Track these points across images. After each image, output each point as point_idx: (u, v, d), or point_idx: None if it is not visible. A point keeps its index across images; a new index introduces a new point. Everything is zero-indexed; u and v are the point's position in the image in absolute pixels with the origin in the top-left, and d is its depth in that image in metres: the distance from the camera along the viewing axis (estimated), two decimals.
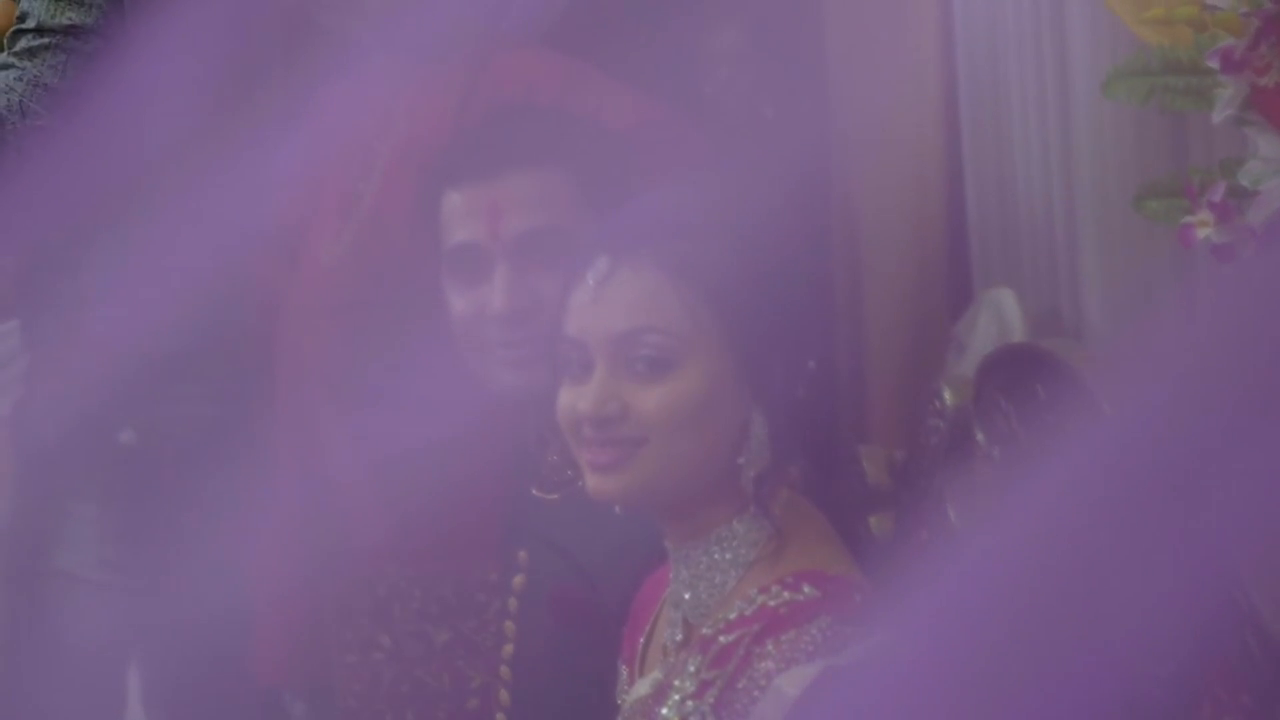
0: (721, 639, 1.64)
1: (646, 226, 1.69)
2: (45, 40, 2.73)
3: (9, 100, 2.70)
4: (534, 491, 2.16)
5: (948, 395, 2.15)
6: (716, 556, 1.70)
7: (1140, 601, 1.54)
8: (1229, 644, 1.50)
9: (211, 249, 2.98)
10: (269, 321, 3.46)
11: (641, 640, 1.83)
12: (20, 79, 2.73)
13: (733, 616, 1.65)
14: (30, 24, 2.76)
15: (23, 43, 2.76)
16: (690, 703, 1.65)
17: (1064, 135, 3.04)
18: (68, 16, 2.74)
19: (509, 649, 2.17)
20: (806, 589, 1.63)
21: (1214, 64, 1.93)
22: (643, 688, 1.75)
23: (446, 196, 2.17)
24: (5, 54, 2.79)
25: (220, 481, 3.02)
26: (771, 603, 1.64)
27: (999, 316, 3.16)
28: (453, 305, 2.17)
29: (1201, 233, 1.95)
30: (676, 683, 1.67)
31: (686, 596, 1.72)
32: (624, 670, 1.85)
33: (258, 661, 3.28)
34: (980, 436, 2.05)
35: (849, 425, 3.58)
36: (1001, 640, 1.70)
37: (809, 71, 5.05)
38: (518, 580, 2.17)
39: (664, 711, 1.68)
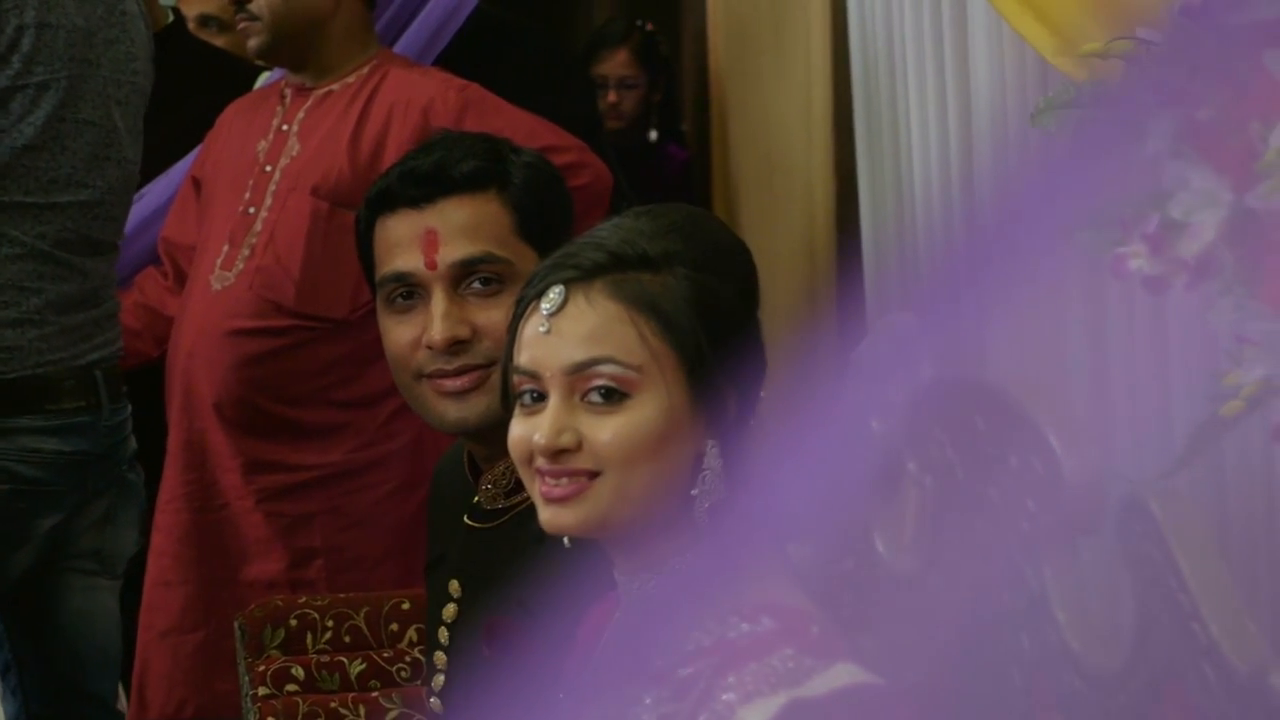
0: (680, 672, 1.63)
1: (600, 256, 1.68)
2: None
3: None
4: (466, 520, 2.15)
5: (874, 424, 2.15)
6: (670, 588, 1.69)
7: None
8: (1186, 677, 1.51)
9: None
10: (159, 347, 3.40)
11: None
12: None
13: (690, 649, 1.64)
14: None
15: None
16: None
17: (965, 162, 3.06)
18: None
19: (440, 680, 2.15)
20: (765, 620, 1.63)
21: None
22: None
23: (380, 224, 2.14)
24: None
25: (100, 507, 2.95)
26: (730, 635, 1.63)
27: (900, 343, 3.17)
28: (388, 334, 2.15)
29: (1134, 264, 1.96)
30: (630, 716, 1.66)
31: (638, 628, 1.70)
32: (566, 703, 1.83)
33: (149, 692, 3.22)
34: (912, 466, 2.05)
35: None
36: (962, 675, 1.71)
37: (694, 98, 5.09)
38: (449, 610, 2.15)
39: None
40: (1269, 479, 2.23)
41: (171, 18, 4.05)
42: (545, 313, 1.68)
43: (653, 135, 4.81)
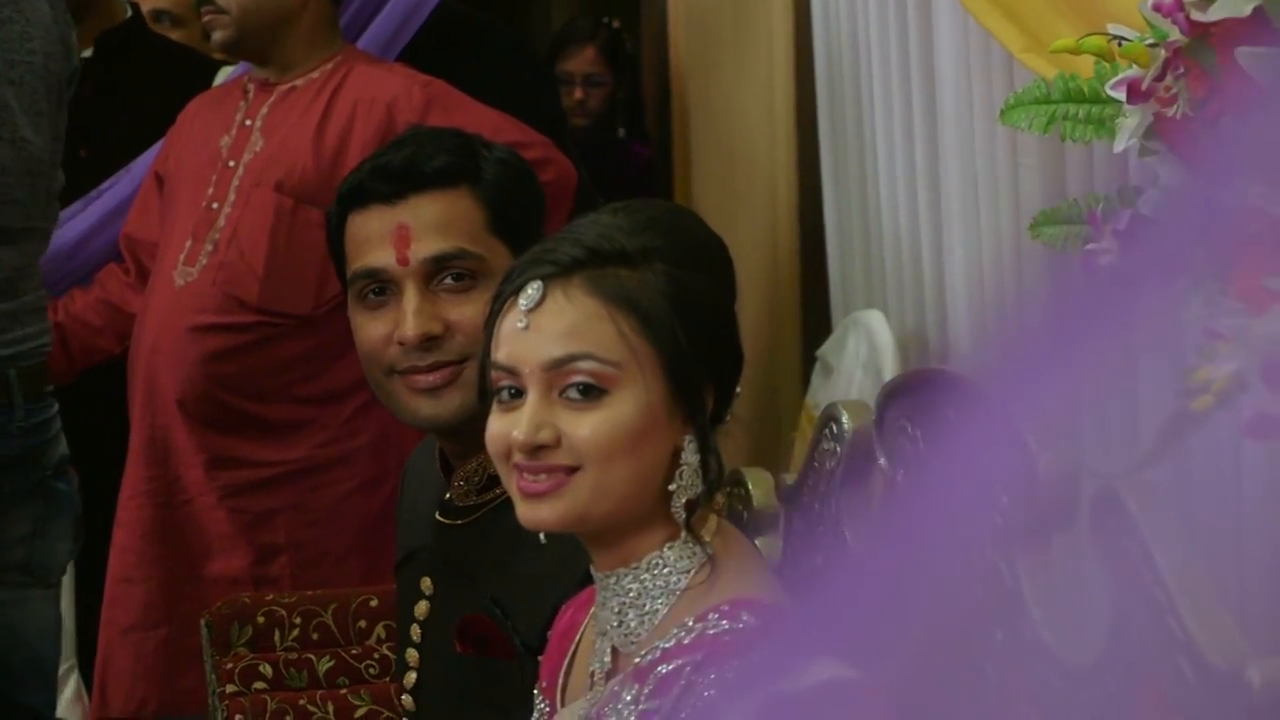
0: (661, 669, 1.63)
1: (578, 252, 1.68)
2: None
3: None
4: (438, 517, 2.14)
5: (846, 419, 2.15)
6: (647, 584, 1.69)
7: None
8: (1162, 672, 1.51)
9: None
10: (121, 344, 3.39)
11: (563, 668, 1.81)
12: None
13: (670, 645, 1.64)
14: None
15: None
16: None
17: (930, 157, 3.07)
18: None
19: (412, 677, 2.14)
20: (745, 617, 1.63)
21: (1117, 94, 1.95)
22: (568, 718, 1.74)
23: (352, 220, 2.14)
24: None
25: (25, 518, 2.88)
26: (711, 631, 1.63)
27: (868, 338, 3.19)
28: (360, 330, 2.14)
29: (1105, 260, 1.97)
30: (609, 711, 1.66)
31: (615, 624, 1.70)
32: (543, 700, 1.83)
33: (111, 689, 3.21)
34: (883, 461, 2.05)
35: None
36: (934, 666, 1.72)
37: (656, 94, 5.08)
38: (421, 607, 2.14)
39: None
40: (1238, 474, 2.24)
41: (130, 12, 4.03)
42: (523, 309, 1.68)
43: (621, 132, 4.82)
